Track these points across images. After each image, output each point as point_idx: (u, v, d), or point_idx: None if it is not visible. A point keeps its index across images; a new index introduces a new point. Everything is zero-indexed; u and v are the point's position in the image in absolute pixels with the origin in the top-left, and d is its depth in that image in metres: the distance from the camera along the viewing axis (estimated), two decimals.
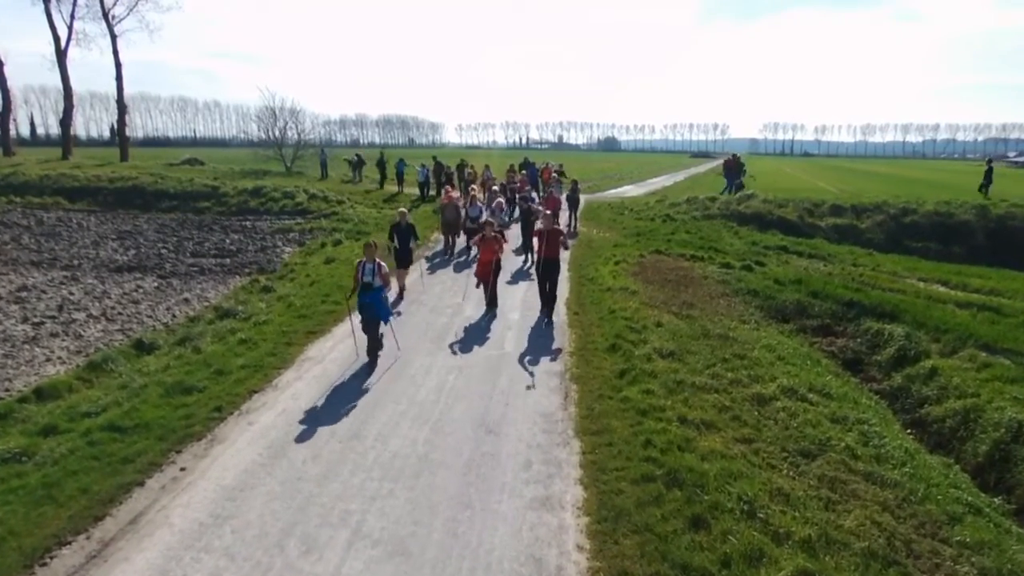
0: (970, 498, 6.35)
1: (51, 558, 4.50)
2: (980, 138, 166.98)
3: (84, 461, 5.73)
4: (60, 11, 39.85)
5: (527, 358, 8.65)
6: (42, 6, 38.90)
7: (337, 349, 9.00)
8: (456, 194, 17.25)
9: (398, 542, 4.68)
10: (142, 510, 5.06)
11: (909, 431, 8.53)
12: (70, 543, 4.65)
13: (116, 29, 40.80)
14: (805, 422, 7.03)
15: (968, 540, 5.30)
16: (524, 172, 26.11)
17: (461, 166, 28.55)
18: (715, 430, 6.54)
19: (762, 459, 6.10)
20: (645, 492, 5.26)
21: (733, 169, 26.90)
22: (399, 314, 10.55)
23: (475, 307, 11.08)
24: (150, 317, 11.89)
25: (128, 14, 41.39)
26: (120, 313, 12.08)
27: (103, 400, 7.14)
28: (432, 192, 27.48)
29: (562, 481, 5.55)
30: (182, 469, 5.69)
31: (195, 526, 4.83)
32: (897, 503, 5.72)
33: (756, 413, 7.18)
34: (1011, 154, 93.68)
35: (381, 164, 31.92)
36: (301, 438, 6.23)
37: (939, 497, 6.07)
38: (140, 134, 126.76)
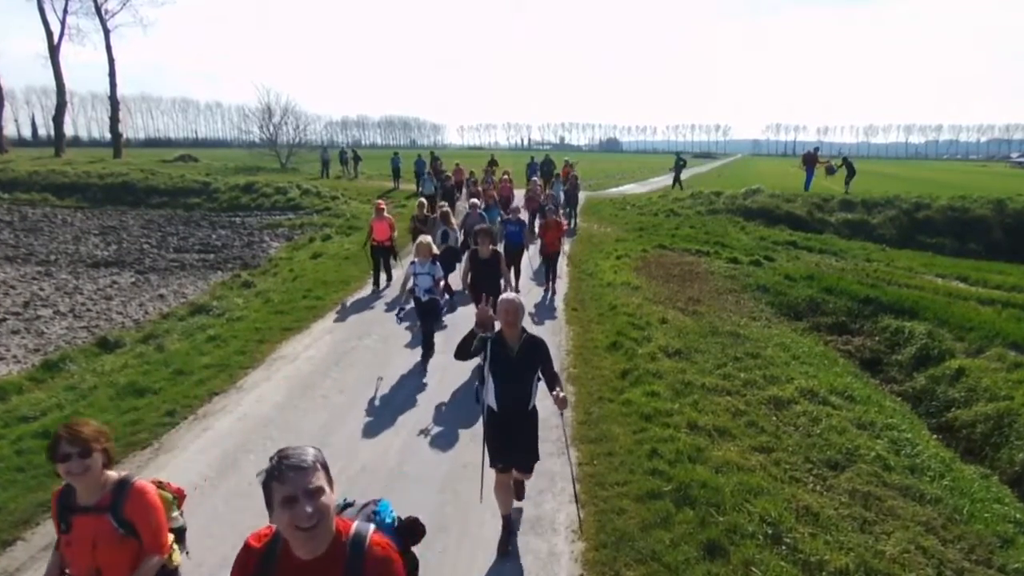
0: (1018, 515, 5.60)
1: None
2: (983, 139, 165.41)
3: (7, 474, 5.00)
4: (53, 6, 39.36)
5: None
6: (35, 1, 38.38)
7: (313, 347, 8.26)
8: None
9: None
10: None
11: (936, 437, 7.79)
12: None
13: (109, 24, 40.30)
14: (829, 428, 6.29)
15: None
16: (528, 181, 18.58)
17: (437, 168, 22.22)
18: (729, 437, 5.79)
19: (784, 471, 5.34)
20: (651, 512, 4.51)
21: (813, 162, 26.04)
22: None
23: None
24: (120, 314, 11.15)
25: (121, 8, 40.90)
26: (89, 310, 11.34)
27: (45, 403, 6.41)
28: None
29: (554, 498, 4.79)
30: None
31: None
32: (941, 523, 4.96)
33: (774, 418, 6.43)
34: (1014, 155, 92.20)
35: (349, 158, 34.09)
36: (259, 447, 5.48)
37: (986, 515, 5.32)
38: (142, 135, 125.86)
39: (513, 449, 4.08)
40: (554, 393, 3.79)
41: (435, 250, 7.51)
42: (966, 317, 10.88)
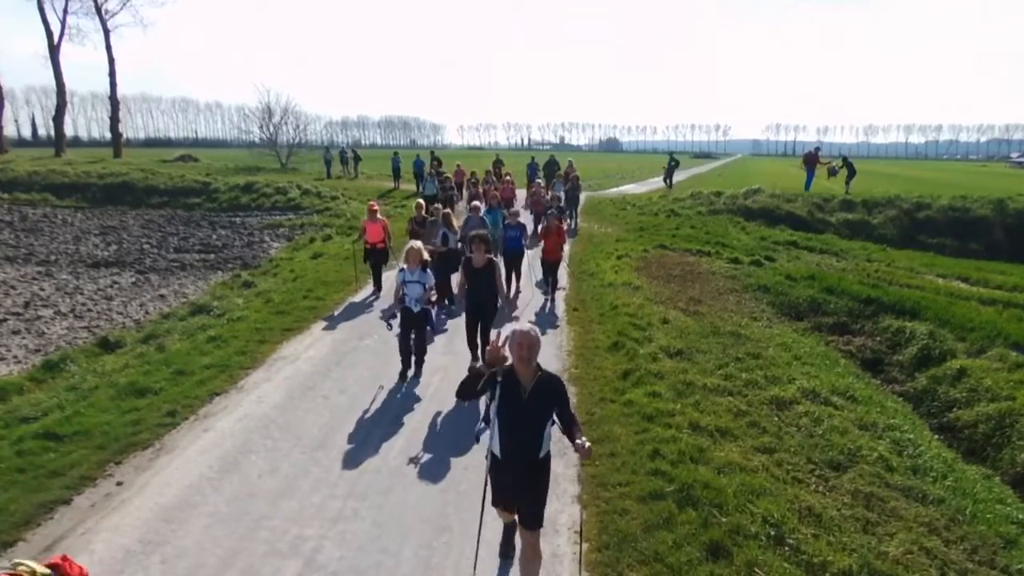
0: (1020, 516, 5.59)
1: None
2: (983, 139, 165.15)
3: (7, 475, 4.98)
4: (53, 6, 39.34)
5: None
6: (35, 1, 38.34)
7: (314, 348, 8.25)
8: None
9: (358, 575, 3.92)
10: (62, 534, 4.30)
11: (938, 437, 7.78)
12: None
13: (109, 24, 40.29)
14: (831, 428, 6.29)
15: None
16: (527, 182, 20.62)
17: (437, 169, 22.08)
18: (731, 438, 5.78)
19: (786, 472, 5.34)
20: (654, 512, 4.50)
21: (813, 163, 26.03)
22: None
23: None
24: (121, 314, 11.14)
25: (121, 8, 40.88)
26: (90, 310, 11.33)
27: (46, 403, 6.40)
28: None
29: (557, 499, 4.77)
30: (118, 483, 4.93)
31: (119, 554, 4.07)
32: (944, 524, 4.96)
33: (776, 419, 6.42)
34: (1014, 155, 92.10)
35: (349, 158, 34.30)
36: (260, 448, 5.46)
37: (988, 515, 5.31)
38: (142, 135, 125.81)
39: (517, 503, 3.63)
40: (577, 442, 3.25)
41: (426, 256, 7.00)
42: (967, 317, 10.87)
